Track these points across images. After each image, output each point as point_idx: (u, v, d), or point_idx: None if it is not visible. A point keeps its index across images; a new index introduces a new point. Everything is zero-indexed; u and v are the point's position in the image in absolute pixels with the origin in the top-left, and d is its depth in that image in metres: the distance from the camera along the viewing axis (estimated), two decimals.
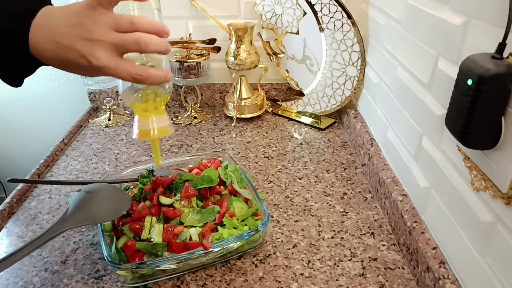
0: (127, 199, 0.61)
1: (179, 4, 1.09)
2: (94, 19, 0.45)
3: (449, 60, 0.55)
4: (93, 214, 0.56)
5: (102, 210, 0.57)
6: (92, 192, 0.59)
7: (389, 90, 0.79)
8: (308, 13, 1.00)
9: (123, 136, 1.05)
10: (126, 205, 0.60)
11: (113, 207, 0.58)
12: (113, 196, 0.60)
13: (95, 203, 0.58)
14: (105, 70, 0.45)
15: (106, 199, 0.59)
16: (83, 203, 0.57)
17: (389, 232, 0.70)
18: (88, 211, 0.56)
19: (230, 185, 0.72)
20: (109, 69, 0.45)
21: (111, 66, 0.45)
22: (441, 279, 0.52)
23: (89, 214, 0.55)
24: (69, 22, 0.45)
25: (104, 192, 0.60)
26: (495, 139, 0.42)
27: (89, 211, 0.56)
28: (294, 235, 0.69)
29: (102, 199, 0.59)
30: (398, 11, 0.74)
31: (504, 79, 0.39)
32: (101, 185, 0.61)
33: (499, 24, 0.43)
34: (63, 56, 0.45)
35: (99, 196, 0.59)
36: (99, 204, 0.58)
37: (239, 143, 1.00)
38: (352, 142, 0.98)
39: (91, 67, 0.45)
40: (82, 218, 0.55)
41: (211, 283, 0.60)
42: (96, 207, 0.57)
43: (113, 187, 0.62)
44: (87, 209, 0.56)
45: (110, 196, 0.60)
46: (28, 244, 0.50)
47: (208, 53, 1.07)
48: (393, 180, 0.73)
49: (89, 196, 0.58)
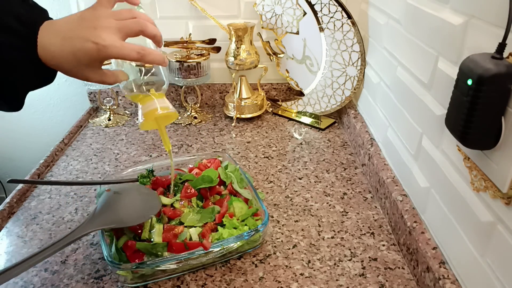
0: (157, 202, 0.58)
1: (179, 4, 1.09)
2: (95, 14, 0.49)
3: (449, 60, 0.55)
4: (120, 216, 0.54)
5: (130, 213, 0.54)
6: (121, 193, 0.57)
7: (389, 90, 0.79)
8: (308, 13, 1.00)
9: (123, 136, 1.05)
10: (155, 208, 0.57)
11: (141, 210, 0.55)
12: (143, 198, 0.57)
13: (123, 204, 0.55)
14: (112, 50, 0.48)
15: (135, 201, 0.56)
16: (111, 204, 0.55)
17: (389, 232, 0.70)
18: (116, 213, 0.54)
19: (230, 185, 0.72)
20: (115, 48, 0.48)
21: (117, 45, 0.48)
22: (441, 279, 0.52)
23: (116, 216, 0.53)
24: (72, 21, 0.49)
25: (134, 193, 0.57)
26: (495, 139, 0.42)
27: (116, 213, 0.54)
28: (294, 235, 0.69)
29: (130, 200, 0.56)
30: (398, 11, 0.74)
31: (504, 79, 0.39)
32: (132, 186, 0.58)
33: (499, 24, 0.43)
34: (69, 46, 0.47)
35: (128, 198, 0.56)
36: (127, 206, 0.55)
37: (239, 143, 1.00)
38: (352, 142, 0.98)
39: (98, 48, 0.47)
40: (108, 220, 0.53)
41: (211, 283, 0.60)
42: (124, 209, 0.55)
43: (145, 188, 0.58)
44: (115, 210, 0.54)
45: (140, 198, 0.57)
46: (56, 243, 0.49)
47: (208, 53, 1.07)
48: (393, 180, 0.73)
49: (118, 197, 0.56)
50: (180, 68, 1.05)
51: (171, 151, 0.60)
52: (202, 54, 1.06)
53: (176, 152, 0.97)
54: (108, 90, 1.16)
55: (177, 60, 1.04)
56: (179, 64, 1.04)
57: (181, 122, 1.11)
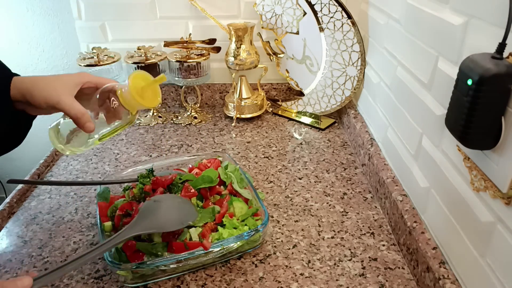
0: (194, 210, 0.63)
1: (179, 4, 1.09)
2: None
3: (449, 60, 0.55)
4: (160, 222, 0.59)
5: (169, 219, 0.59)
6: (161, 201, 0.62)
7: (389, 90, 0.79)
8: (308, 13, 1.00)
9: (123, 136, 1.05)
10: (192, 216, 0.62)
11: (179, 217, 0.60)
12: (180, 206, 0.63)
13: (163, 212, 0.60)
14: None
15: (173, 209, 0.62)
16: (151, 211, 0.60)
17: (389, 232, 0.70)
18: (156, 219, 0.59)
19: (230, 185, 0.72)
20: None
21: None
22: (441, 279, 0.52)
23: (156, 221, 0.58)
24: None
25: (171, 202, 0.63)
26: (495, 139, 0.42)
27: (157, 219, 0.59)
28: (294, 235, 0.69)
29: (169, 208, 0.61)
30: (398, 11, 0.74)
31: (504, 79, 0.39)
32: (169, 195, 0.64)
33: (499, 24, 0.43)
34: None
35: (166, 206, 0.61)
36: (167, 213, 0.60)
37: (239, 143, 1.00)
38: (352, 142, 0.98)
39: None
40: (150, 225, 0.58)
41: (211, 283, 0.60)
42: (163, 215, 0.60)
43: (181, 198, 0.65)
44: (155, 217, 0.59)
45: (177, 206, 0.62)
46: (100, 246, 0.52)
47: (208, 53, 1.07)
48: (393, 180, 0.73)
49: (157, 205, 0.61)
50: (180, 68, 1.05)
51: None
52: (202, 54, 1.06)
53: (176, 152, 0.97)
54: None
55: (177, 60, 1.04)
56: (179, 64, 1.04)
57: (181, 122, 1.11)
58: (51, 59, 1.24)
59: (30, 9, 1.17)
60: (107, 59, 1.04)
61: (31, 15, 1.17)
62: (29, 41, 1.21)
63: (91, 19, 1.11)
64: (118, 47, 1.12)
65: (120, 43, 1.14)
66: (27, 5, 1.16)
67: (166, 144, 1.00)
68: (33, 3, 1.16)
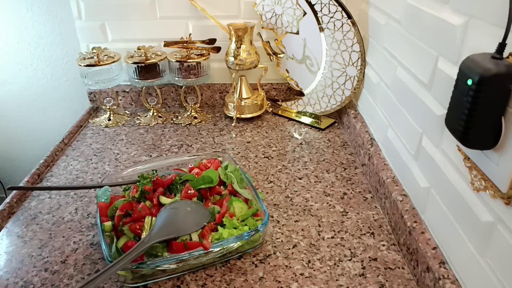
0: (207, 212, 0.67)
1: (179, 4, 1.09)
2: None
3: (449, 60, 0.55)
4: (178, 227, 0.62)
5: (186, 223, 0.63)
6: (177, 208, 0.65)
7: (389, 90, 0.79)
8: (308, 13, 1.00)
9: (123, 136, 1.05)
10: (206, 217, 0.65)
11: (195, 220, 0.64)
12: (194, 210, 0.66)
13: (180, 216, 0.64)
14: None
15: (189, 213, 0.65)
16: (169, 217, 0.64)
17: (389, 232, 0.70)
18: (174, 224, 0.62)
19: (230, 185, 0.72)
20: None
21: None
22: (441, 279, 0.52)
23: (175, 227, 0.62)
24: None
25: (187, 207, 0.66)
26: (495, 139, 0.42)
27: (175, 224, 0.62)
28: (294, 235, 0.69)
29: (185, 213, 0.65)
30: (398, 11, 0.74)
31: (504, 79, 0.39)
32: (182, 201, 0.67)
33: (499, 24, 0.43)
34: None
35: (182, 211, 0.65)
36: (183, 217, 0.64)
37: (239, 143, 1.00)
38: (352, 142, 0.98)
39: None
40: (171, 230, 0.61)
41: (211, 283, 0.60)
42: (181, 220, 0.63)
43: (193, 201, 0.68)
44: (173, 222, 0.63)
45: (192, 210, 0.66)
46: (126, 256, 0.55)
47: (208, 53, 1.07)
48: (393, 180, 0.73)
49: (174, 212, 0.64)
50: (180, 68, 1.05)
51: None
52: (202, 54, 1.06)
53: (176, 152, 0.97)
54: (108, 90, 1.16)
55: (177, 60, 1.04)
56: (179, 64, 1.04)
57: (181, 122, 1.11)
58: (51, 59, 1.24)
59: (29, 9, 1.17)
60: (107, 59, 1.04)
61: (31, 15, 1.17)
62: (29, 41, 1.21)
63: (91, 19, 1.11)
64: (118, 47, 1.12)
65: (120, 43, 1.14)
66: (26, 5, 1.16)
67: (166, 144, 1.00)
68: (33, 3, 1.16)
